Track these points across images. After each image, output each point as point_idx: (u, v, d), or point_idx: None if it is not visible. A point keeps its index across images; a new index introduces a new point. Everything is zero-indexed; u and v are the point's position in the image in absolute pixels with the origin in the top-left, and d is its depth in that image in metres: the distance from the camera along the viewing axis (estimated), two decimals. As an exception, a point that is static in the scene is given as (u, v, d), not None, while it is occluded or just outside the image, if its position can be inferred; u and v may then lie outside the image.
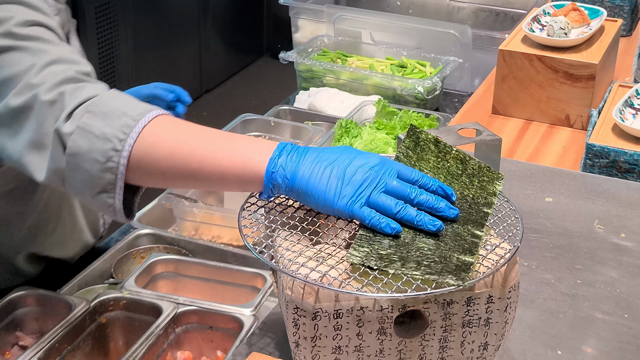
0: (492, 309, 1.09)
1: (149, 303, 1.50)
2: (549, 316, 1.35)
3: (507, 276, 1.09)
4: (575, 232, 1.57)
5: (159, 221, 1.93)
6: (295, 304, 1.06)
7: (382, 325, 1.07)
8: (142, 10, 4.40)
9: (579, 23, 2.27)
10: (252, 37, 5.59)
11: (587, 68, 2.08)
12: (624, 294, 1.40)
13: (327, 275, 1.04)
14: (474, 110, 2.26)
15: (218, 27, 5.15)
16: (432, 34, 2.66)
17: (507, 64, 2.15)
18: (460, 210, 1.12)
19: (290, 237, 1.12)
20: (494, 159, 1.64)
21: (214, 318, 1.49)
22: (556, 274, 1.45)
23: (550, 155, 2.01)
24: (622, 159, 1.79)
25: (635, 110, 1.95)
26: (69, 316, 1.45)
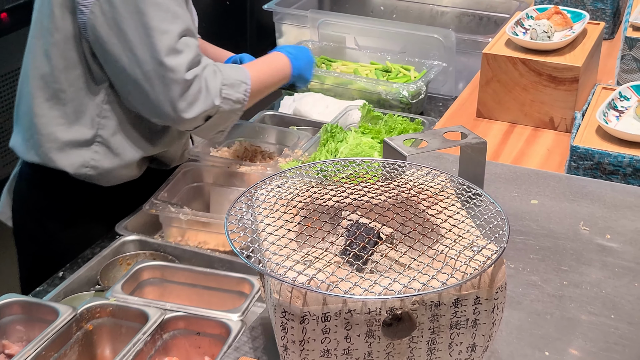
0: (479, 310, 1.09)
1: (136, 309, 1.49)
2: (536, 317, 1.35)
3: (494, 277, 1.09)
4: (561, 233, 1.58)
5: (146, 228, 1.93)
6: (283, 307, 1.06)
7: (370, 328, 1.07)
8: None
9: (562, 26, 2.28)
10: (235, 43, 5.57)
11: (571, 71, 2.09)
12: (610, 295, 1.41)
13: (315, 279, 1.04)
14: (459, 113, 2.27)
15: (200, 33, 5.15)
16: (416, 39, 2.67)
17: (491, 68, 2.16)
18: None
19: (278, 241, 1.12)
20: (479, 161, 1.65)
21: (201, 324, 1.49)
22: (542, 275, 1.46)
23: (535, 158, 2.02)
24: (606, 160, 1.80)
25: (618, 113, 1.97)
26: (55, 323, 1.44)
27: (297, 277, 1.04)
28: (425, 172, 1.29)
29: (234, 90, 1.89)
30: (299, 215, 1.18)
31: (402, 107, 2.46)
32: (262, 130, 2.25)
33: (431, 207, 1.20)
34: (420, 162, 1.79)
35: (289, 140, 2.20)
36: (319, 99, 2.47)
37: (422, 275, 1.06)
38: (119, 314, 1.51)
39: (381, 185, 1.25)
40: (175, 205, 1.88)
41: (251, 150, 2.17)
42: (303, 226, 1.15)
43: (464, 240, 1.12)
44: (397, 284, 1.04)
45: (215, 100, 1.84)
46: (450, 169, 1.77)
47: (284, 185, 1.25)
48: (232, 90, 1.89)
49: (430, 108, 2.62)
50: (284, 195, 1.23)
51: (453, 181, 1.27)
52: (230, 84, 1.89)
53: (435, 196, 1.23)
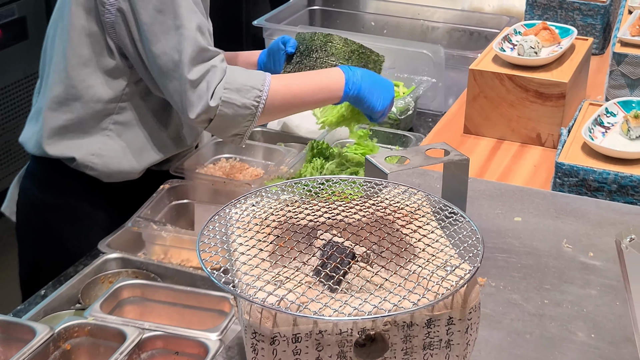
0: (452, 331, 1.08)
1: (114, 329, 1.48)
2: (515, 337, 1.34)
3: (467, 297, 1.08)
4: (544, 251, 1.56)
5: (129, 245, 1.91)
6: (253, 328, 1.05)
7: (342, 349, 1.06)
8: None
9: (550, 42, 2.28)
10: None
11: (557, 87, 2.08)
12: (591, 314, 1.39)
13: (285, 299, 1.03)
14: (446, 129, 2.26)
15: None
16: (405, 54, 2.66)
17: (478, 84, 2.15)
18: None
19: (249, 260, 1.11)
20: (462, 178, 1.65)
21: (180, 343, 1.47)
22: (524, 294, 1.44)
23: (521, 174, 2.01)
24: (591, 177, 1.79)
25: (604, 129, 1.96)
26: (32, 343, 1.43)
27: (267, 298, 1.03)
28: (401, 190, 1.27)
29: (240, 95, 1.86)
30: (273, 234, 1.17)
31: (391, 123, 2.45)
32: (248, 147, 2.24)
33: (406, 226, 1.19)
34: (404, 179, 1.80)
35: (275, 157, 2.20)
36: (308, 114, 2.45)
37: (393, 295, 1.05)
38: (97, 333, 1.49)
39: (356, 203, 1.24)
40: (158, 222, 1.87)
41: (237, 167, 2.16)
42: (276, 245, 1.14)
43: (438, 259, 1.11)
44: (368, 304, 1.03)
45: (211, 102, 1.83)
46: (434, 186, 1.76)
47: (259, 204, 1.24)
48: (237, 95, 1.86)
49: (420, 124, 2.61)
50: (258, 214, 1.21)
51: (430, 199, 1.26)
52: (235, 88, 1.86)
53: (411, 215, 1.22)
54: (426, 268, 1.09)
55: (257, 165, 2.20)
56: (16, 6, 3.88)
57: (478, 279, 1.47)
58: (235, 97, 1.86)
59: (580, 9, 2.70)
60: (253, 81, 1.89)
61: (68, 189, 2.04)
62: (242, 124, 1.90)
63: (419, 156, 1.61)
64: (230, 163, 2.18)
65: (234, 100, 1.86)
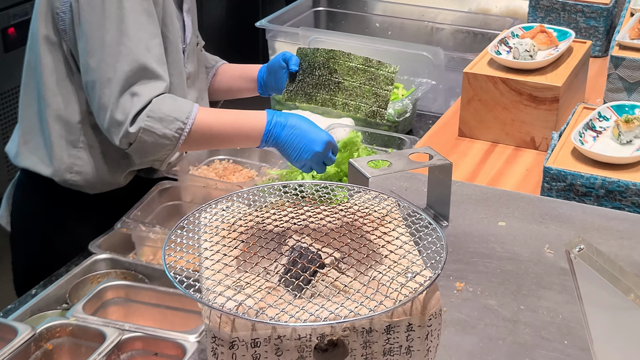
0: (412, 337, 1.09)
1: (94, 329, 1.50)
2: (487, 342, 1.34)
3: (427, 304, 1.08)
4: (525, 256, 1.56)
5: (120, 246, 1.93)
6: (213, 333, 1.06)
7: (301, 354, 1.07)
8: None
9: (547, 45, 2.27)
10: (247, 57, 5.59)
11: (551, 90, 2.08)
12: (566, 320, 1.39)
13: (243, 304, 1.04)
14: (441, 132, 2.26)
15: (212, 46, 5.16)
16: (406, 56, 2.66)
17: (472, 87, 2.15)
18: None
19: (212, 265, 1.12)
20: (445, 182, 1.65)
21: (159, 344, 1.49)
22: (500, 299, 1.45)
23: (512, 178, 2.01)
24: (578, 182, 1.79)
25: (596, 133, 1.95)
26: (12, 343, 1.45)
27: (225, 303, 1.04)
28: (372, 195, 1.28)
29: (162, 124, 1.83)
30: (239, 239, 1.18)
31: (389, 125, 2.45)
32: (243, 148, 2.25)
33: (372, 232, 1.20)
34: (392, 183, 1.80)
35: (270, 159, 2.21)
36: (306, 116, 2.46)
37: (352, 301, 1.06)
38: (78, 334, 1.51)
39: (325, 209, 1.25)
40: (147, 224, 1.88)
41: (230, 168, 2.17)
42: (242, 251, 1.15)
43: (400, 266, 1.12)
44: (326, 310, 1.04)
45: (130, 129, 1.81)
46: (421, 189, 1.77)
47: (229, 209, 1.25)
48: (159, 124, 1.83)
49: (420, 126, 2.61)
50: (227, 219, 1.23)
51: (399, 206, 1.27)
52: (158, 117, 1.82)
53: (378, 221, 1.22)
54: (387, 274, 1.10)
55: (251, 167, 2.21)
56: (29, 6, 3.92)
57: (456, 284, 1.48)
58: (156, 126, 1.83)
59: (583, 11, 2.69)
60: (178, 112, 1.85)
61: (56, 199, 2.04)
62: (161, 152, 1.88)
63: (402, 160, 1.62)
64: (224, 165, 2.20)
65: (155, 129, 1.83)
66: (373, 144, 2.34)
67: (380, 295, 1.06)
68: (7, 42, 3.85)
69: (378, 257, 1.16)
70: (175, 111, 1.86)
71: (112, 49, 1.81)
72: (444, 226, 1.65)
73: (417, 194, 1.76)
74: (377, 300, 1.05)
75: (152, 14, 1.86)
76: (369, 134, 2.37)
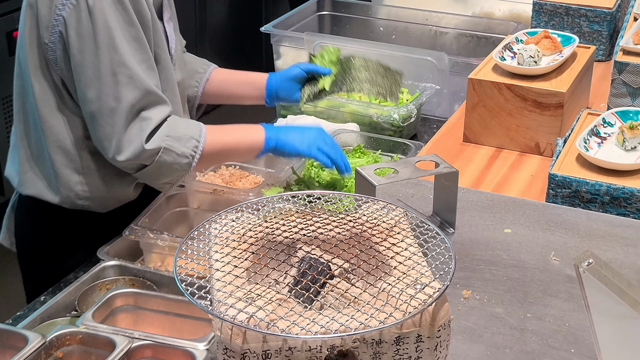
0: (422, 348, 1.10)
1: (104, 337, 1.51)
2: (495, 351, 1.35)
3: (436, 315, 1.10)
4: (531, 264, 1.57)
5: (128, 253, 1.94)
6: (224, 344, 1.07)
7: (311, 365, 1.08)
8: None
9: (551, 50, 2.28)
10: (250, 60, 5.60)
11: (555, 96, 2.09)
12: (572, 328, 1.40)
13: (254, 317, 1.05)
14: (446, 138, 2.27)
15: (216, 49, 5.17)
16: (410, 61, 2.67)
17: (477, 93, 2.16)
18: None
19: (223, 277, 1.13)
20: (451, 190, 1.66)
21: (168, 352, 1.50)
22: (507, 307, 1.46)
23: (517, 184, 2.02)
24: (583, 189, 1.80)
25: (600, 139, 1.96)
26: (23, 351, 1.46)
27: (237, 315, 1.06)
28: (380, 206, 1.29)
29: (180, 143, 1.85)
30: (249, 250, 1.20)
31: (394, 130, 2.46)
32: (249, 154, 2.26)
33: (381, 243, 1.21)
34: (398, 190, 1.81)
35: (276, 164, 2.22)
36: (311, 121, 2.48)
37: (362, 313, 1.07)
38: (88, 342, 1.52)
39: (334, 219, 1.26)
40: (155, 231, 1.89)
41: (237, 174, 2.18)
42: (252, 262, 1.17)
43: (409, 277, 1.13)
44: (336, 322, 1.05)
45: (147, 145, 1.81)
46: (427, 196, 1.78)
47: (239, 220, 1.26)
48: (178, 143, 1.85)
49: (424, 130, 2.62)
50: (236, 230, 1.24)
51: (407, 215, 1.28)
52: (176, 137, 1.85)
53: (387, 231, 1.23)
54: (396, 286, 1.11)
55: (258, 172, 2.22)
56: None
57: (463, 292, 1.50)
58: (176, 145, 1.85)
59: (586, 15, 2.70)
60: (192, 131, 1.89)
61: (66, 221, 2.01)
62: (178, 172, 1.89)
63: (408, 168, 1.63)
64: (230, 171, 2.21)
65: (175, 148, 1.85)
66: (378, 150, 2.35)
67: (390, 307, 1.08)
68: (12, 46, 3.87)
69: (387, 268, 1.17)
70: (189, 130, 1.88)
71: (110, 79, 1.79)
72: (450, 233, 1.66)
73: (424, 201, 1.77)
74: (386, 312, 1.06)
75: (141, 40, 1.84)
76: (374, 139, 2.38)
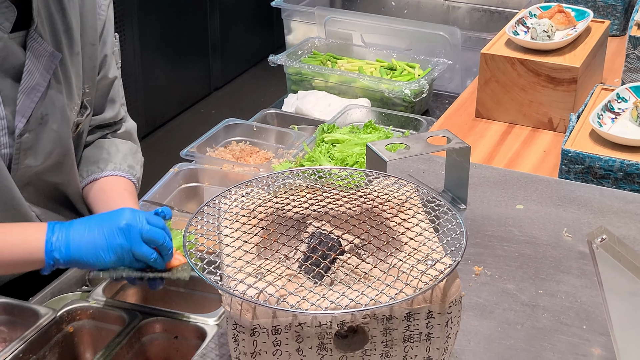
0: (432, 324, 1.09)
1: (114, 313, 1.51)
2: (506, 327, 1.35)
3: (447, 291, 1.09)
4: (543, 240, 1.56)
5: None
6: (234, 320, 1.07)
7: (321, 341, 1.07)
8: (148, 9, 4.39)
9: (565, 25, 2.25)
10: (262, 35, 5.58)
11: (569, 71, 2.06)
12: (585, 304, 1.39)
13: (264, 292, 1.05)
14: (458, 113, 2.25)
15: (227, 24, 5.14)
16: (422, 36, 2.65)
17: (490, 68, 2.14)
18: None
19: (233, 252, 1.13)
20: (463, 166, 1.65)
21: (179, 327, 1.50)
22: (519, 283, 1.45)
23: (530, 160, 2.01)
24: (597, 165, 1.78)
25: (614, 115, 1.94)
26: (35, 325, 1.46)
27: (246, 291, 1.05)
28: (391, 181, 1.28)
29: None
30: (259, 226, 1.19)
31: (405, 105, 2.45)
32: (259, 130, 2.25)
33: (392, 218, 1.20)
34: (409, 165, 1.80)
35: (286, 140, 2.21)
36: (322, 97, 2.46)
37: (372, 289, 1.06)
38: (99, 317, 1.52)
39: (344, 195, 1.25)
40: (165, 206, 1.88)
41: (247, 150, 2.17)
42: (262, 237, 1.16)
43: (420, 253, 1.12)
44: (346, 298, 1.04)
45: None
46: (438, 172, 1.77)
47: (249, 195, 1.25)
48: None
49: (436, 105, 2.60)
50: (246, 205, 1.23)
51: (419, 191, 1.27)
52: None
53: (398, 207, 1.22)
54: (407, 262, 1.10)
55: (268, 148, 2.21)
56: None
57: (474, 268, 1.49)
58: None
59: (601, -11, 2.67)
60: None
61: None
62: None
63: (419, 144, 1.61)
64: (241, 146, 2.20)
65: None
66: (390, 125, 2.34)
67: (401, 282, 1.07)
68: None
69: (398, 244, 1.16)
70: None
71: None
72: (461, 209, 1.65)
73: (435, 177, 1.76)
74: (397, 287, 1.06)
75: None
76: (385, 115, 2.37)
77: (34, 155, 1.60)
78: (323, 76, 2.54)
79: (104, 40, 1.73)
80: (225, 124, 2.26)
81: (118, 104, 1.81)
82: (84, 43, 1.67)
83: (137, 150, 1.83)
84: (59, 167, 1.67)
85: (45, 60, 1.56)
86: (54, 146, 1.62)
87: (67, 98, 1.63)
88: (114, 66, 1.80)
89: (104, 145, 1.78)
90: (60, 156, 1.66)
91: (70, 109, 1.64)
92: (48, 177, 1.67)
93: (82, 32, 1.66)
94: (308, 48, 2.72)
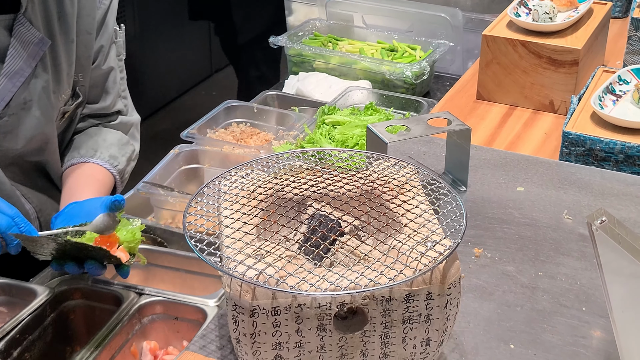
0: (432, 306, 1.09)
1: (110, 293, 1.51)
2: (506, 309, 1.35)
3: (447, 273, 1.09)
4: (543, 222, 1.56)
5: (140, 209, 1.94)
6: (233, 301, 1.07)
7: (321, 322, 1.07)
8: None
9: (567, 7, 2.24)
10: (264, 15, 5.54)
11: (570, 53, 2.06)
12: (584, 287, 1.39)
13: (264, 273, 1.05)
14: (459, 95, 2.25)
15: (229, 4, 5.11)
16: (424, 17, 2.64)
17: (491, 50, 2.13)
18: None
19: (233, 233, 1.12)
20: (464, 148, 1.64)
21: (179, 308, 1.50)
22: (518, 265, 1.45)
23: (531, 142, 2.00)
24: (598, 147, 1.78)
25: (616, 97, 1.93)
26: (31, 305, 1.46)
27: (246, 272, 1.05)
28: (391, 163, 1.28)
29: None
30: (259, 207, 1.19)
31: (407, 87, 2.44)
32: (260, 112, 2.25)
33: (391, 200, 1.20)
34: (410, 147, 1.80)
35: (287, 122, 2.20)
36: (323, 78, 2.46)
37: (371, 270, 1.06)
38: (94, 297, 1.52)
39: (344, 177, 1.25)
40: (165, 187, 1.89)
41: (248, 131, 2.17)
42: (262, 219, 1.16)
43: (419, 234, 1.12)
44: (346, 279, 1.04)
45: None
46: (439, 154, 1.76)
47: (249, 177, 1.25)
48: None
49: (437, 87, 2.60)
50: (246, 187, 1.23)
51: (419, 173, 1.26)
52: None
53: (398, 188, 1.22)
54: (407, 243, 1.10)
55: (269, 130, 2.21)
56: None
57: (474, 250, 1.49)
58: None
59: (603, -29, 2.65)
60: None
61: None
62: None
63: (420, 126, 1.61)
64: (241, 128, 2.19)
65: None
66: (391, 107, 2.33)
67: (400, 264, 1.07)
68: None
69: (398, 225, 1.16)
70: None
71: None
72: (462, 191, 1.65)
73: (436, 159, 1.76)
74: (396, 269, 1.06)
75: None
76: (386, 96, 2.36)
77: (14, 139, 1.60)
78: (324, 58, 2.53)
79: (103, 30, 1.72)
80: (226, 105, 2.26)
81: (112, 95, 1.80)
82: (79, 30, 1.66)
83: (127, 142, 1.82)
84: (41, 152, 1.67)
85: (32, 46, 1.55)
86: (35, 132, 1.62)
87: (55, 85, 1.62)
88: (112, 57, 1.79)
89: (91, 133, 1.78)
90: (42, 142, 1.65)
91: (57, 97, 1.63)
92: (31, 158, 1.67)
93: (78, 19, 1.65)
94: (309, 29, 2.71)
